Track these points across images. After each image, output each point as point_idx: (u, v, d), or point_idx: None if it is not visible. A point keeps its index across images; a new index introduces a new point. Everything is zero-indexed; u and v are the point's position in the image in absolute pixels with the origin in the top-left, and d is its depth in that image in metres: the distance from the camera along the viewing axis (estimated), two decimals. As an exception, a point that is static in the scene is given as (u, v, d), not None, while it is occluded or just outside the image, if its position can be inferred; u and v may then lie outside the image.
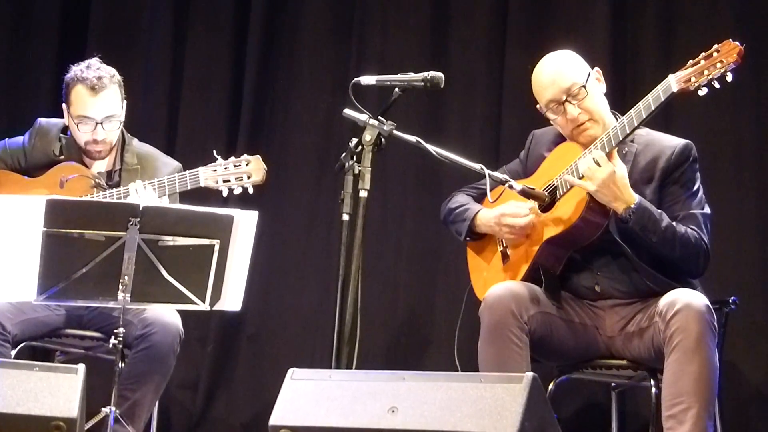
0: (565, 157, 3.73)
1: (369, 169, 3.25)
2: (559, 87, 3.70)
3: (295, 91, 5.37)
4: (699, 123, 4.46)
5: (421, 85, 3.35)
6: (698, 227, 3.61)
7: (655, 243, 3.53)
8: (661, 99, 3.45)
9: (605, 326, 3.72)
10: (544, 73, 3.77)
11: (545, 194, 3.72)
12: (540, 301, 3.65)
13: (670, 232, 3.55)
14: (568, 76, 3.71)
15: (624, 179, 3.52)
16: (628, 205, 3.51)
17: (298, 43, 5.40)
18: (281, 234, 5.24)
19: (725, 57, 3.36)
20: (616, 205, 3.53)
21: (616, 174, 3.50)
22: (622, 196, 3.52)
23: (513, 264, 3.82)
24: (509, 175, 3.73)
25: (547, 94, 3.73)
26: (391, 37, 5.26)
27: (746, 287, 4.49)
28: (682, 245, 3.57)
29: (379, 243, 5.06)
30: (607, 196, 3.52)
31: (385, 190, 5.06)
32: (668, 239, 3.54)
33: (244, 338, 5.27)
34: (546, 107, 3.75)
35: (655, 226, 3.53)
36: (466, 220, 3.88)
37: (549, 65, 3.78)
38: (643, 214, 3.52)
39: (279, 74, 5.40)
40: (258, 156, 4.18)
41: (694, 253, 3.60)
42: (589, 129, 3.71)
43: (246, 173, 4.14)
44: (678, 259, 3.59)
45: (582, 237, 3.66)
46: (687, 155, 3.69)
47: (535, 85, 3.79)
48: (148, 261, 3.52)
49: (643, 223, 3.52)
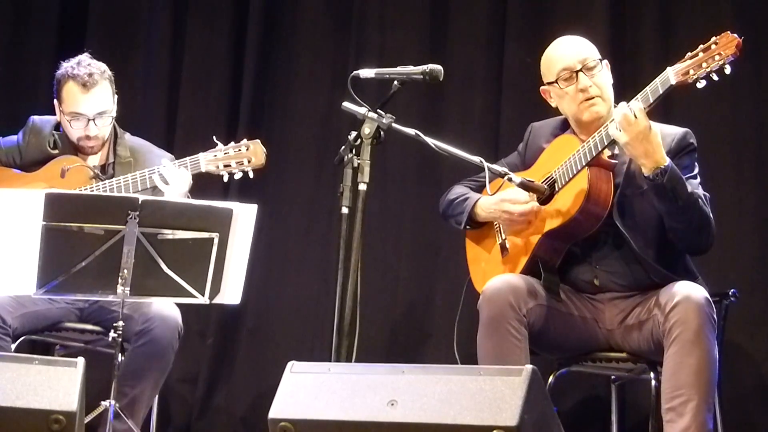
0: (563, 150, 3.73)
1: (368, 162, 3.25)
2: (576, 56, 3.70)
3: (294, 84, 5.36)
4: (698, 114, 4.46)
5: (420, 78, 3.36)
6: (705, 204, 3.60)
7: (680, 207, 3.50)
8: (659, 92, 3.44)
9: (604, 319, 3.71)
10: (561, 44, 3.77)
11: (544, 187, 3.71)
12: (539, 293, 3.65)
13: (693, 199, 3.53)
14: (585, 48, 3.73)
15: (658, 137, 3.47)
16: (659, 164, 3.46)
17: (297, 36, 5.39)
18: (281, 227, 5.24)
19: (723, 49, 3.34)
20: (645, 162, 3.47)
21: (651, 130, 3.45)
22: (654, 154, 3.46)
23: (512, 256, 3.82)
24: (508, 168, 3.72)
25: (562, 62, 3.71)
26: (390, 30, 5.26)
27: (746, 279, 4.48)
28: (700, 215, 3.56)
29: (378, 236, 5.06)
30: (637, 150, 3.46)
31: (384, 184, 5.06)
32: (691, 205, 3.52)
33: (243, 331, 5.27)
34: (557, 76, 3.72)
35: (683, 190, 3.50)
36: (467, 208, 3.87)
37: (566, 39, 3.79)
38: (674, 174, 3.48)
39: (278, 67, 5.39)
40: (257, 140, 4.19)
41: (707, 224, 3.59)
42: (596, 104, 3.70)
43: (246, 157, 4.15)
44: (695, 229, 3.57)
45: (581, 230, 3.66)
46: (687, 142, 3.69)
47: (549, 56, 3.77)
48: (148, 254, 3.52)
49: (673, 183, 3.47)
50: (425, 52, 5.07)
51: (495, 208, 3.79)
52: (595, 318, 3.72)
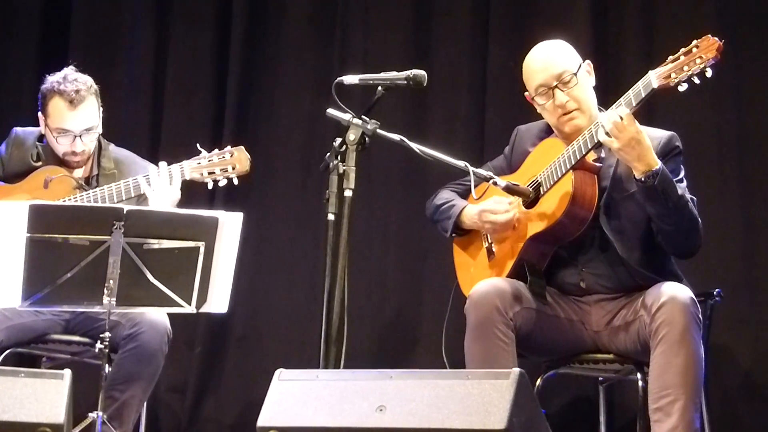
0: (548, 154, 3.73)
1: (354, 169, 3.25)
2: (551, 72, 3.70)
3: (278, 91, 5.36)
4: (681, 117, 4.47)
5: (404, 83, 3.35)
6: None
7: (671, 208, 3.52)
8: (641, 95, 3.45)
9: (591, 321, 3.72)
10: (537, 58, 3.77)
11: (530, 190, 3.72)
12: (525, 297, 3.65)
13: (684, 201, 3.55)
14: (560, 62, 3.72)
15: (648, 140, 3.50)
16: (651, 167, 3.48)
17: (281, 42, 5.38)
18: (267, 235, 5.23)
19: (704, 53, 3.35)
20: (638, 165, 3.49)
21: (641, 134, 3.47)
22: (645, 157, 3.48)
23: (498, 260, 3.82)
24: (494, 172, 3.73)
25: (537, 79, 3.72)
26: (374, 36, 5.26)
27: (730, 279, 4.50)
28: (690, 217, 3.58)
29: (365, 242, 5.06)
30: (630, 155, 3.48)
31: (370, 190, 5.05)
32: (681, 207, 3.54)
33: (231, 340, 5.26)
34: (535, 92, 3.74)
35: (674, 192, 3.52)
36: (452, 217, 3.88)
37: (542, 51, 3.78)
38: (665, 177, 3.50)
39: (262, 74, 5.39)
40: (241, 147, 4.19)
41: (695, 227, 3.60)
42: (575, 118, 3.70)
43: (230, 164, 4.15)
44: (684, 231, 3.59)
45: (566, 233, 3.67)
46: (672, 146, 3.70)
47: (527, 69, 3.78)
48: (133, 264, 3.50)
49: (665, 186, 3.49)
50: (409, 58, 5.08)
51: (477, 219, 3.81)
52: (582, 320, 3.72)
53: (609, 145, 3.50)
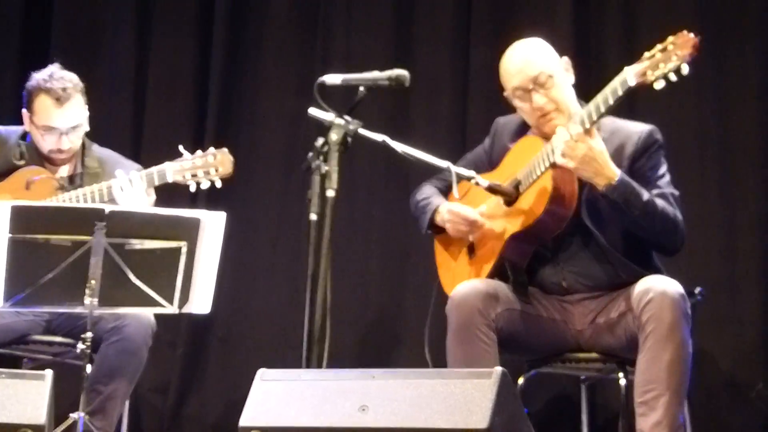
0: (527, 152, 3.73)
1: (336, 169, 3.21)
2: (527, 75, 3.69)
3: (261, 91, 5.35)
4: (662, 113, 4.47)
5: (386, 83, 3.32)
6: (671, 204, 3.62)
7: (637, 216, 3.52)
8: (618, 93, 3.43)
9: (574, 320, 3.72)
10: (513, 60, 3.76)
11: (512, 190, 3.72)
12: (507, 297, 3.65)
13: (651, 206, 3.55)
14: (536, 64, 3.71)
15: (604, 154, 3.50)
16: (610, 180, 3.50)
17: (263, 42, 5.38)
18: (249, 235, 5.23)
19: (680, 49, 3.32)
20: (598, 180, 3.50)
21: (595, 149, 3.49)
22: (603, 171, 3.49)
23: (479, 259, 3.82)
24: (472, 165, 3.74)
25: (514, 81, 3.72)
26: (356, 36, 5.26)
27: (711, 278, 4.51)
28: (662, 219, 3.57)
29: (347, 242, 5.05)
30: (588, 172, 3.50)
31: (352, 190, 5.05)
32: (649, 213, 3.54)
33: (214, 340, 5.25)
34: (513, 94, 3.74)
35: (637, 200, 3.52)
36: (426, 215, 3.90)
37: (518, 52, 3.77)
38: (626, 187, 3.51)
39: (244, 74, 5.37)
40: (225, 149, 4.18)
41: (672, 227, 3.60)
42: (554, 119, 3.70)
43: (213, 166, 4.14)
44: (658, 233, 3.59)
45: (547, 231, 3.66)
46: (653, 140, 3.69)
47: (503, 71, 3.78)
48: (115, 265, 3.50)
49: (626, 196, 3.50)
50: (391, 57, 5.07)
51: (442, 218, 3.83)
52: (565, 319, 3.72)
53: (564, 165, 3.52)
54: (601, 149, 3.51)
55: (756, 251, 4.59)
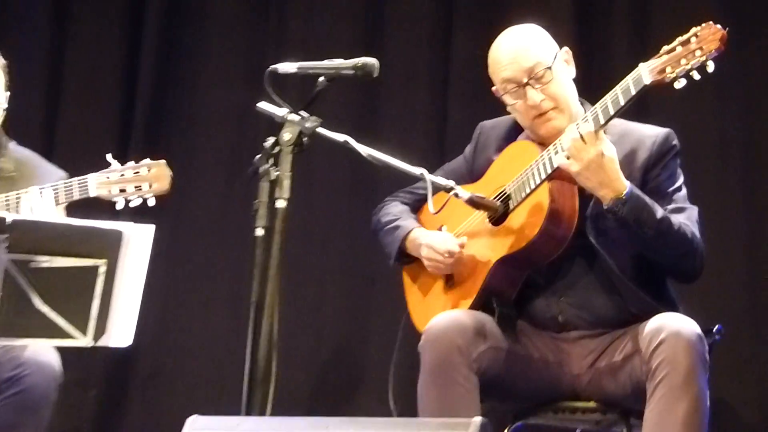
0: (519, 159, 3.73)
1: (289, 174, 3.23)
2: (521, 66, 3.70)
3: (201, 82, 5.39)
4: (678, 118, 4.49)
5: (351, 73, 3.34)
6: (689, 220, 3.62)
7: (650, 237, 3.52)
8: (631, 92, 3.45)
9: (571, 362, 3.71)
10: (504, 47, 3.76)
11: (497, 204, 3.72)
12: (492, 334, 3.64)
13: (666, 224, 3.54)
14: (532, 54, 3.71)
15: (614, 162, 3.51)
16: (619, 193, 3.49)
17: (205, 26, 5.42)
18: (183, 252, 5.25)
19: (705, 43, 3.34)
20: (604, 193, 3.51)
21: (605, 155, 3.48)
22: (611, 183, 3.49)
23: (459, 288, 3.81)
24: (452, 177, 3.73)
25: (505, 73, 3.72)
26: (317, 18, 5.30)
27: (732, 313, 4.56)
28: (679, 240, 3.57)
29: (300, 262, 5.08)
30: (592, 181, 3.50)
31: (308, 200, 5.09)
32: (664, 232, 3.54)
33: (136, 380, 5.26)
34: (503, 89, 3.75)
35: (650, 217, 3.51)
36: (395, 243, 3.91)
37: (511, 39, 3.78)
38: (637, 202, 3.51)
39: (182, 62, 5.42)
40: (162, 161, 4.15)
41: (691, 249, 3.61)
42: (552, 119, 3.70)
43: (147, 180, 4.12)
44: (675, 257, 3.60)
45: (541, 255, 3.66)
46: (670, 146, 3.71)
47: (492, 61, 3.78)
48: (17, 287, 3.45)
49: (637, 213, 3.50)
50: (358, 43, 5.12)
51: (419, 252, 3.84)
52: (560, 361, 3.71)
53: (567, 168, 3.52)
54: (612, 156, 3.51)
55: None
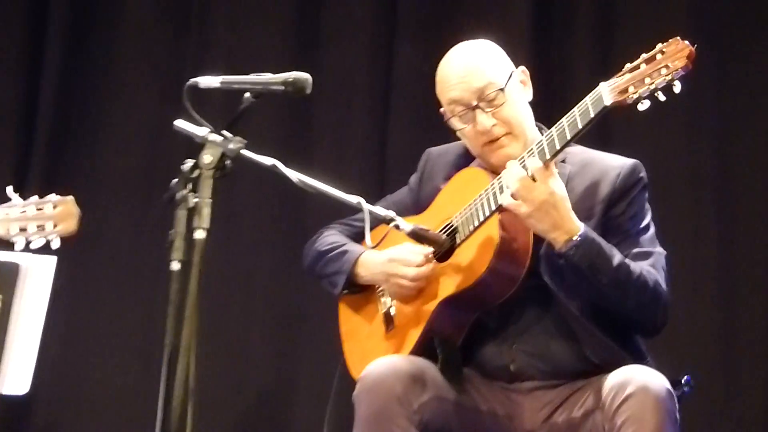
0: (468, 188, 3.72)
1: (209, 202, 3.18)
2: (470, 86, 3.70)
3: (111, 96, 5.39)
4: (645, 147, 4.54)
5: (281, 89, 3.30)
6: (653, 267, 3.62)
7: (605, 286, 3.52)
8: (590, 115, 3.45)
9: (523, 417, 3.69)
10: (453, 65, 3.76)
11: (443, 237, 3.71)
12: (434, 382, 3.62)
13: (624, 271, 3.54)
14: (483, 73, 3.71)
15: (565, 201, 3.50)
16: (571, 236, 3.49)
17: (116, 33, 5.43)
18: (88, 288, 5.23)
19: (672, 60, 3.34)
20: (555, 235, 3.50)
21: (557, 194, 3.48)
22: (563, 224, 3.49)
23: (399, 331, 3.80)
24: (395, 210, 3.71)
25: (453, 93, 3.72)
26: (244, 27, 5.33)
27: (703, 362, 4.59)
28: (639, 290, 3.57)
29: (221, 300, 5.09)
30: (543, 223, 3.49)
31: (230, 230, 5.08)
32: (621, 281, 3.53)
33: (32, 431, 5.20)
34: (450, 111, 3.74)
35: (605, 264, 3.51)
36: (344, 267, 3.87)
37: (460, 56, 3.78)
38: (591, 247, 3.50)
39: (89, 75, 5.42)
40: (70, 198, 4.09)
41: (652, 300, 3.60)
42: (505, 146, 3.71)
43: (52, 219, 4.04)
44: (632, 309, 3.59)
45: (491, 295, 3.65)
46: (636, 179, 3.71)
47: (440, 79, 3.78)
48: None
49: (590, 258, 3.50)
50: (289, 57, 5.16)
51: (382, 270, 3.79)
52: (510, 414, 3.69)
53: (515, 210, 3.51)
54: (563, 195, 3.51)
55: (761, 327, 4.63)
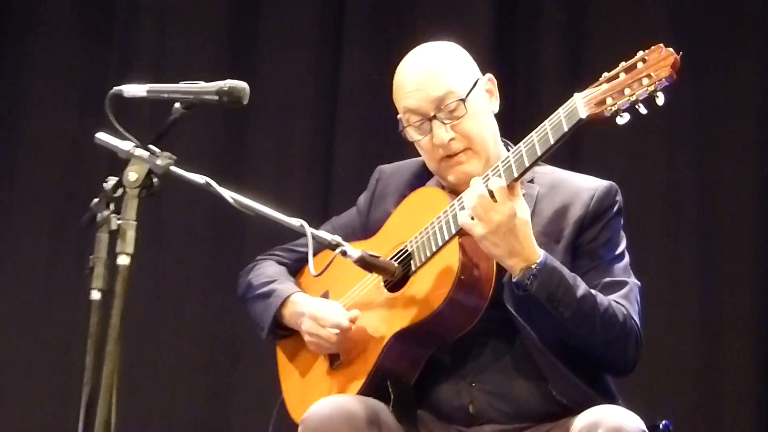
0: (424, 209, 3.72)
1: (134, 224, 3.16)
2: (428, 95, 3.69)
3: (24, 106, 5.40)
4: (618, 162, 4.53)
5: (215, 98, 3.30)
6: (626, 299, 3.62)
7: (567, 320, 3.52)
8: (563, 129, 3.44)
9: (482, 463, 3.70)
10: (410, 69, 3.76)
11: (395, 265, 3.69)
12: (386, 425, 3.63)
13: (589, 304, 3.54)
14: (443, 81, 3.70)
15: (526, 226, 3.49)
16: (530, 264, 3.48)
17: (30, 38, 5.41)
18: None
19: (655, 69, 3.34)
20: (513, 263, 3.50)
21: (518, 217, 3.47)
22: (522, 250, 3.49)
23: (346, 369, 3.80)
24: (342, 234, 3.73)
25: (409, 101, 3.72)
26: (174, 31, 5.36)
27: (682, 406, 4.62)
28: (607, 324, 3.56)
29: (147, 334, 5.07)
30: (499, 248, 3.49)
31: (158, 256, 5.07)
32: (586, 315, 3.53)
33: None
34: (406, 120, 3.73)
35: (567, 295, 3.51)
36: (269, 311, 3.88)
37: (419, 60, 3.77)
38: (550, 276, 3.50)
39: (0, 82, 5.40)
40: None
41: (622, 336, 3.60)
42: (463, 163, 3.70)
43: None
44: (600, 346, 3.59)
45: (449, 329, 3.64)
46: (611, 202, 3.72)
47: (396, 84, 3.78)
48: None
49: (550, 289, 3.49)
50: (225, 63, 5.19)
51: (296, 323, 3.82)
52: (468, 460, 3.70)
53: (469, 230, 3.51)
54: (525, 219, 3.50)
55: (746, 366, 4.63)
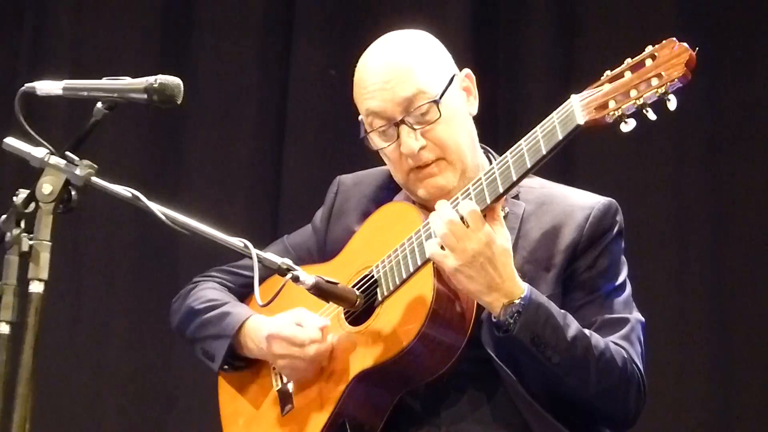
0: (393, 228, 3.74)
1: (48, 245, 3.18)
2: (394, 95, 3.70)
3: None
4: (618, 171, 4.54)
5: (143, 97, 3.31)
6: (626, 340, 3.63)
7: (556, 366, 3.53)
8: (558, 137, 3.45)
9: None
10: (373, 65, 3.76)
11: (357, 294, 3.69)
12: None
13: (582, 346, 3.55)
14: (413, 78, 3.70)
15: (506, 255, 3.50)
16: (512, 300, 3.49)
17: None
18: None
19: (666, 68, 3.33)
20: (491, 300, 3.51)
21: (496, 245, 3.46)
22: (502, 284, 3.50)
23: (299, 413, 3.82)
24: (294, 256, 3.77)
25: (370, 103, 3.72)
26: (94, 21, 5.41)
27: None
28: (603, 370, 3.57)
29: (65, 372, 5.11)
30: (475, 283, 3.50)
31: (78, 281, 5.10)
32: (578, 360, 3.54)
33: None
34: (368, 125, 3.73)
35: (556, 337, 3.52)
36: (225, 335, 3.86)
37: (384, 53, 3.78)
38: (536, 314, 3.51)
39: None
40: None
41: (621, 383, 3.61)
42: (435, 175, 3.71)
43: None
44: (595, 396, 3.61)
45: (421, 370, 3.65)
46: (611, 223, 3.73)
47: (357, 81, 3.78)
48: None
49: (535, 330, 3.50)
50: (155, 57, 5.23)
51: (264, 346, 3.78)
52: None
53: (439, 263, 3.51)
54: (505, 248, 3.50)
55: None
